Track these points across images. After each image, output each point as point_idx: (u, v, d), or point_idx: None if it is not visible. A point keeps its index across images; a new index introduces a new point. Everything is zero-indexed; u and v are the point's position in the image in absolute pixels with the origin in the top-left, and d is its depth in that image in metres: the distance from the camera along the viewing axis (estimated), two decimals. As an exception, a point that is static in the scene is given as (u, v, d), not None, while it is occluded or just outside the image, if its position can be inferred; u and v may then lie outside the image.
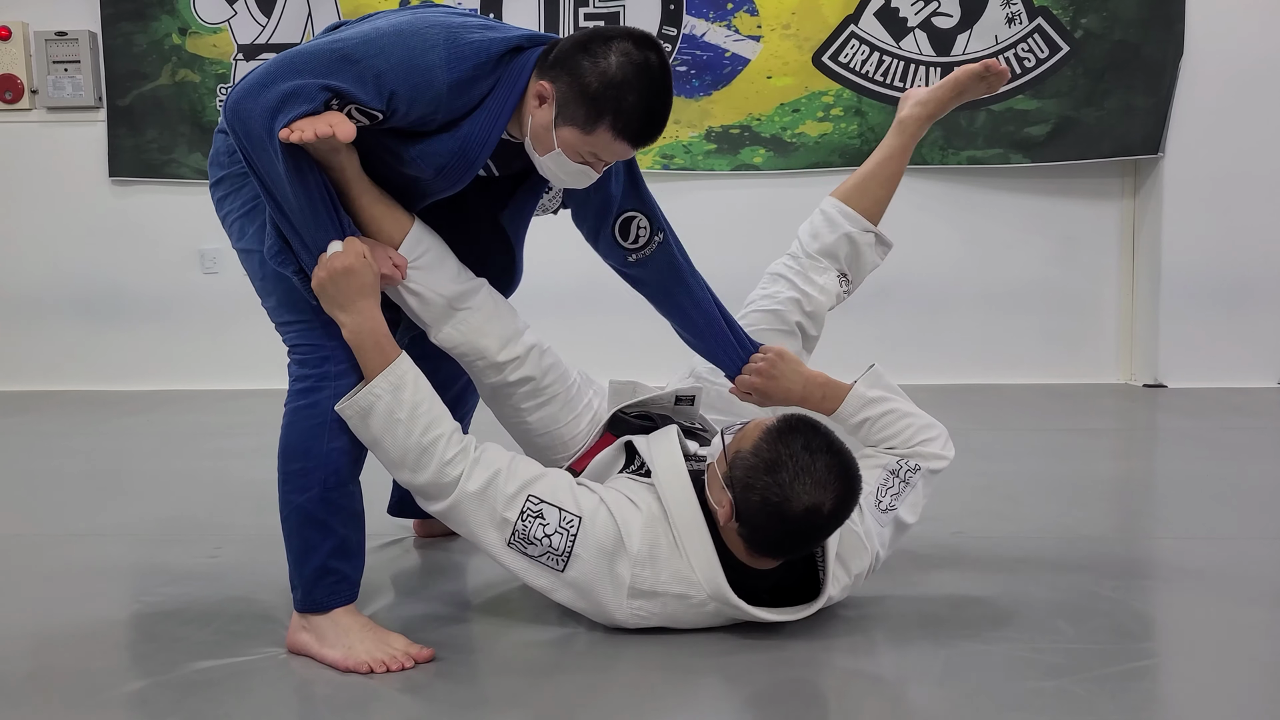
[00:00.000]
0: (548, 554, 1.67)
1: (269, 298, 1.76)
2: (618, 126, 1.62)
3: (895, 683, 1.55)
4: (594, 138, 1.63)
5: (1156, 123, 4.78)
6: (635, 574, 1.66)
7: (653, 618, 1.69)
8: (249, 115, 1.54)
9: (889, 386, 1.96)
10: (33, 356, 5.28)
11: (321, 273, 1.62)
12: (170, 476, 3.13)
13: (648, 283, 1.95)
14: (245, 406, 4.59)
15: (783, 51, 4.95)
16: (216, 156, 1.77)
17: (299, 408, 1.68)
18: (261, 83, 1.55)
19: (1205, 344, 4.83)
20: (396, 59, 1.57)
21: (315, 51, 1.58)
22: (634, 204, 1.89)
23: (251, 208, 1.73)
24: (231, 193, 1.76)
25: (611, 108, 1.60)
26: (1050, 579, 2.02)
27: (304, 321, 1.70)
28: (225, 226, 1.81)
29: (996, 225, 5.05)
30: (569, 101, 1.62)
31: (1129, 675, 1.56)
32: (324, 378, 1.67)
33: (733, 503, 1.60)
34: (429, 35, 1.59)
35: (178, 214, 5.19)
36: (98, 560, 2.26)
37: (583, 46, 1.61)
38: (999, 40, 4.89)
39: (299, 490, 1.65)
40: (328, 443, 1.66)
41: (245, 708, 1.49)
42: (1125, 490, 2.96)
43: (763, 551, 1.64)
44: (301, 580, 1.67)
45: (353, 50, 1.57)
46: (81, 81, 5.09)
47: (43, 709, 1.50)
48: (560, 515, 1.67)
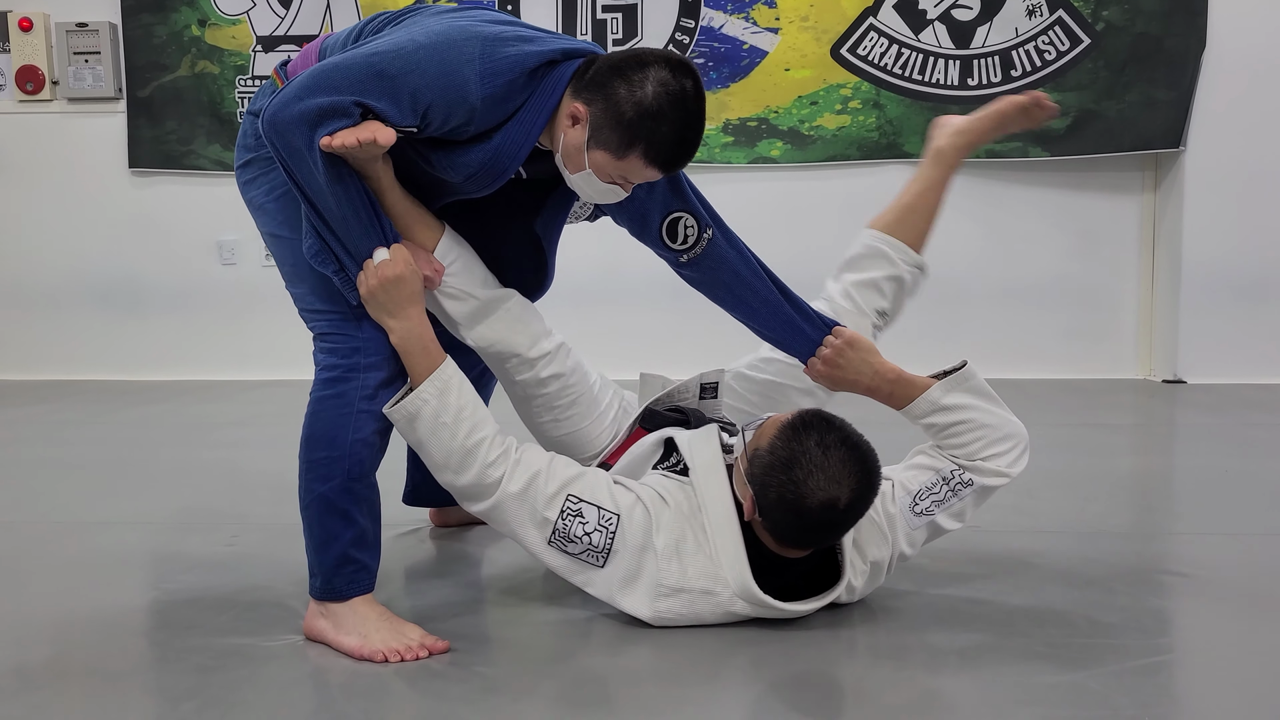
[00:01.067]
0: (588, 551, 1.70)
1: (299, 284, 1.74)
2: (650, 155, 1.64)
3: (910, 676, 1.55)
4: (625, 163, 1.65)
5: (1178, 116, 4.74)
6: (662, 569, 1.68)
7: (679, 618, 1.69)
8: (287, 127, 1.55)
9: (976, 389, 1.86)
10: (52, 347, 5.32)
11: (371, 281, 1.63)
12: (188, 466, 3.15)
13: (704, 281, 1.91)
14: (262, 397, 4.62)
15: (801, 44, 4.94)
16: (244, 139, 1.76)
17: (325, 397, 1.68)
18: (298, 95, 1.55)
19: (1225, 339, 4.79)
20: (432, 74, 1.57)
21: (351, 66, 1.57)
22: (678, 205, 1.86)
23: (283, 192, 1.71)
24: (259, 175, 1.74)
25: (645, 137, 1.62)
26: (1067, 574, 2.01)
27: (336, 312, 1.69)
28: (252, 210, 1.80)
29: (1016, 219, 5.02)
30: (603, 126, 1.62)
31: (1144, 671, 1.55)
32: (353, 369, 1.67)
33: (754, 498, 1.63)
34: (465, 49, 1.59)
35: (196, 205, 5.22)
36: (116, 548, 2.28)
37: (619, 71, 1.62)
38: (1019, 33, 4.85)
39: (322, 479, 1.66)
40: (353, 433, 1.66)
41: (261, 694, 1.50)
42: (1143, 486, 2.94)
43: (787, 544, 1.67)
44: (321, 568, 1.68)
45: (388, 66, 1.56)
46: (102, 72, 5.12)
47: (62, 694, 1.52)
48: (599, 514, 1.69)
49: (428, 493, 2.30)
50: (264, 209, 1.76)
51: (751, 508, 1.64)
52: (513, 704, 1.48)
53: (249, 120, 1.75)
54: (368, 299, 1.65)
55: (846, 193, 5.02)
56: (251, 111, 1.75)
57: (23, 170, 5.27)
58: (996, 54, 4.87)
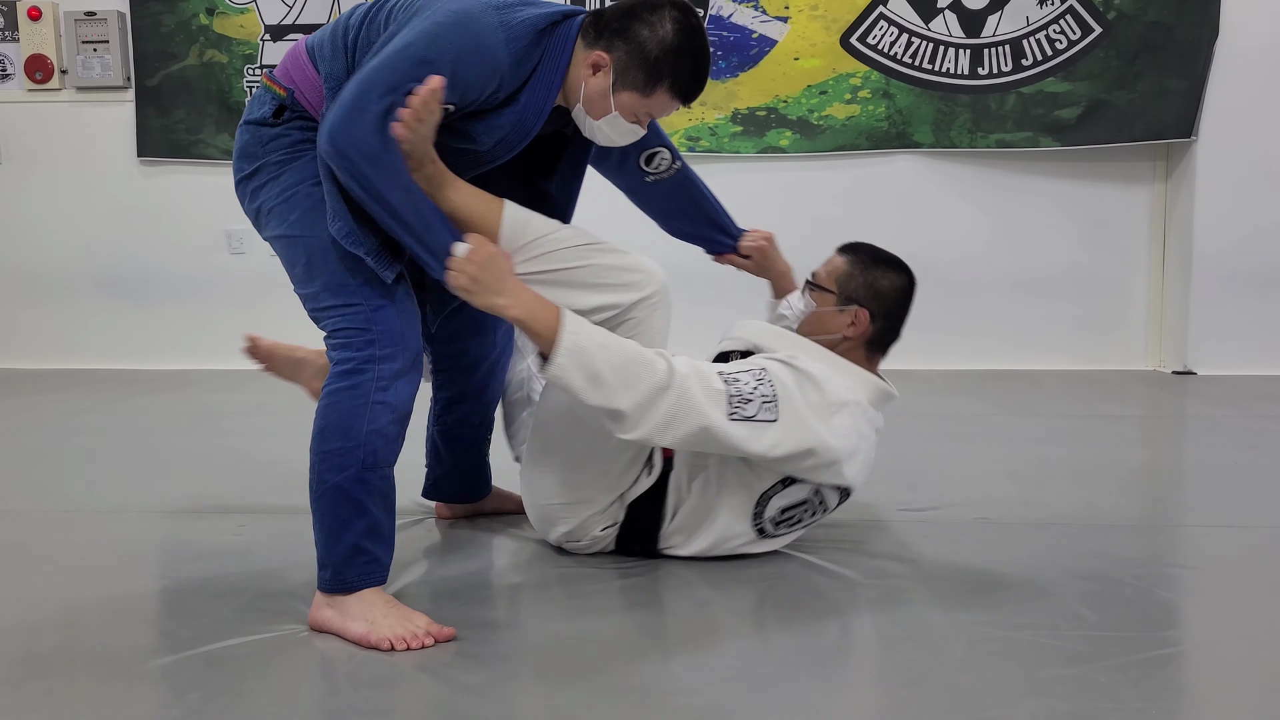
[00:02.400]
0: (763, 405, 1.82)
1: (311, 284, 1.75)
2: (675, 88, 1.78)
3: (916, 668, 1.54)
4: (652, 99, 1.79)
5: (1190, 105, 4.71)
6: (828, 389, 1.88)
7: (850, 434, 1.90)
8: (358, 139, 1.62)
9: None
10: (61, 336, 5.34)
11: (470, 269, 1.68)
12: (196, 454, 3.16)
13: (660, 195, 2.16)
14: (271, 386, 4.61)
15: (810, 32, 4.92)
16: (247, 149, 1.79)
17: (340, 389, 1.69)
18: (357, 106, 1.62)
19: (1236, 331, 4.77)
20: (466, 50, 1.65)
21: (392, 64, 1.64)
22: (657, 141, 2.08)
23: (292, 194, 1.74)
24: (269, 181, 1.77)
25: (670, 71, 1.76)
26: (1074, 565, 2.00)
27: (351, 305, 1.71)
28: (258, 216, 1.82)
29: (1025, 209, 5.00)
30: (629, 68, 1.75)
31: (1152, 663, 1.55)
32: (368, 360, 1.68)
33: (867, 312, 2.02)
34: (485, 19, 1.68)
35: (205, 194, 5.22)
36: (124, 536, 2.29)
37: (635, 15, 1.75)
38: (1030, 22, 4.83)
39: (336, 470, 1.66)
40: (369, 424, 1.67)
41: (267, 683, 1.51)
42: (1152, 478, 2.93)
43: (889, 342, 2.08)
44: (332, 559, 1.68)
45: (425, 51, 1.64)
46: (110, 61, 5.12)
47: (70, 682, 1.52)
48: (749, 373, 1.85)
49: (449, 487, 2.31)
50: (274, 212, 1.77)
51: (865, 322, 2.02)
52: (520, 692, 1.48)
53: (248, 130, 1.78)
54: (471, 287, 1.69)
55: (855, 183, 5.00)
56: (250, 121, 1.78)
57: (32, 159, 5.28)
58: (1007, 43, 4.84)
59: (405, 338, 1.72)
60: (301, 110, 1.76)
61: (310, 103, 1.76)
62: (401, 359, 1.71)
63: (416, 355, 1.74)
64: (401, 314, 1.73)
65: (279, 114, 1.76)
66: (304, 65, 1.77)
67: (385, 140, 1.63)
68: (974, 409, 3.86)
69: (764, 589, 1.90)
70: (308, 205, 1.73)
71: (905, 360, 2.60)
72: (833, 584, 1.94)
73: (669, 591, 1.88)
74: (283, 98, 1.77)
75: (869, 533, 2.24)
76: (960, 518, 2.36)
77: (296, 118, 1.77)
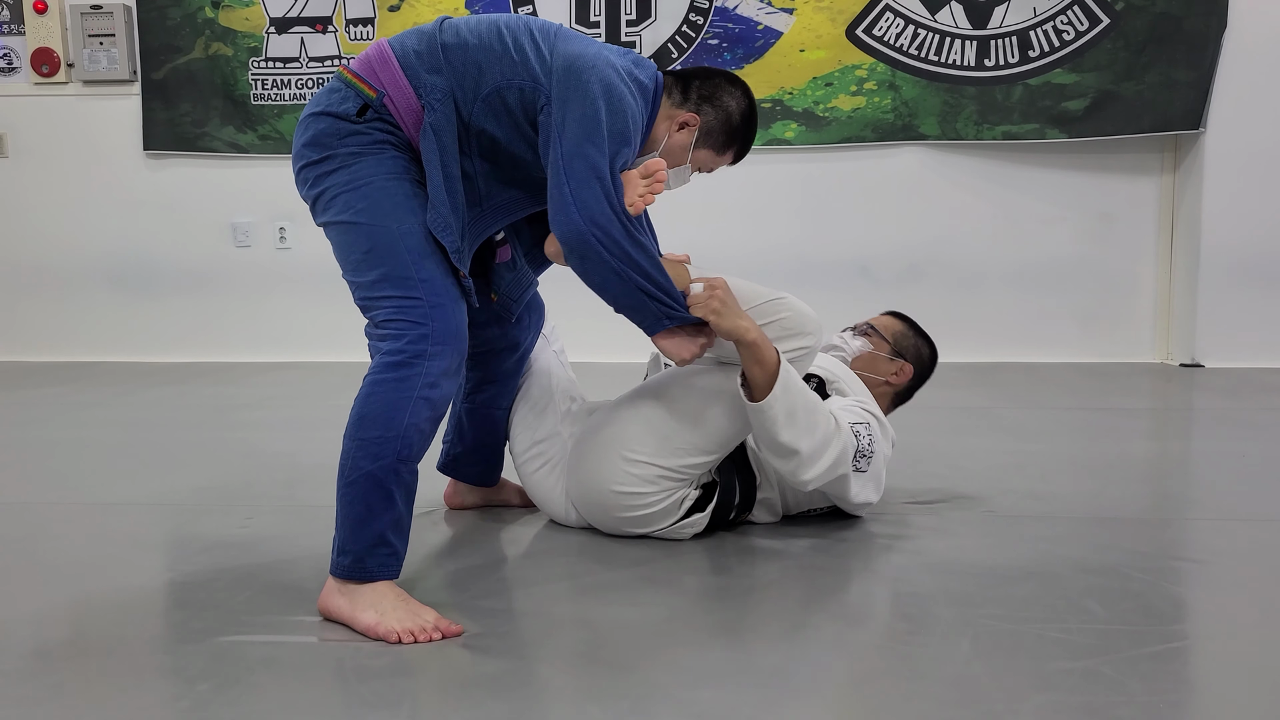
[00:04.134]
0: (865, 458, 2.07)
1: (369, 272, 1.77)
2: (739, 153, 2.08)
3: (922, 662, 1.54)
4: (721, 158, 2.06)
5: (1198, 97, 4.69)
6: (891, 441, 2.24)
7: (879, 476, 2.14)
8: (614, 223, 1.80)
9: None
10: (67, 328, 5.35)
11: (714, 302, 1.88)
12: (203, 447, 3.17)
13: None
14: (276, 379, 4.64)
15: (816, 24, 4.90)
16: (320, 138, 1.82)
17: (386, 380, 1.70)
18: (603, 192, 1.79)
19: (1244, 323, 4.76)
20: (630, 114, 1.85)
21: (595, 140, 1.80)
22: None
23: (364, 184, 1.78)
24: (340, 168, 1.80)
25: (741, 137, 2.05)
26: (1081, 559, 2.00)
27: (410, 299, 1.73)
28: (316, 201, 1.84)
29: (1032, 201, 4.99)
30: (714, 130, 2.01)
31: (1159, 657, 1.55)
32: (419, 355, 1.70)
33: (910, 366, 2.36)
34: (627, 85, 1.86)
35: (211, 187, 5.23)
36: (132, 529, 2.30)
37: (720, 86, 2.01)
38: (1037, 13, 4.81)
39: (372, 458, 1.67)
40: (410, 417, 1.69)
41: (276, 675, 1.51)
42: (1160, 471, 2.93)
43: (906, 399, 2.42)
44: (355, 546, 1.68)
45: (609, 122, 1.81)
46: (116, 55, 5.13)
47: (79, 674, 1.53)
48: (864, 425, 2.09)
49: (465, 465, 2.34)
50: (339, 199, 1.80)
51: (910, 372, 2.36)
52: (530, 684, 1.48)
53: (327, 121, 1.81)
54: (720, 314, 1.88)
55: (861, 175, 4.99)
56: (329, 113, 1.82)
57: (38, 153, 5.29)
58: (1014, 34, 4.82)
59: (457, 338, 1.75)
60: (387, 114, 1.81)
61: (398, 108, 1.81)
62: (450, 358, 1.74)
63: (463, 357, 1.78)
64: (456, 314, 1.76)
65: (361, 112, 1.81)
66: (394, 70, 1.82)
67: (627, 216, 1.82)
68: (980, 401, 3.85)
69: (771, 581, 1.90)
70: (379, 197, 1.77)
71: (912, 353, 2.59)
72: (838, 577, 1.94)
73: (677, 583, 1.88)
74: (371, 98, 1.81)
75: (874, 525, 2.24)
76: (967, 511, 2.35)
77: (379, 119, 1.81)
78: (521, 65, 1.82)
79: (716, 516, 2.12)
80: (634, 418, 2.07)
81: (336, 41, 5.09)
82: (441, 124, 1.80)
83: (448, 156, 1.80)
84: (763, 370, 1.90)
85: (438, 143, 1.80)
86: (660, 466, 2.03)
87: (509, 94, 1.82)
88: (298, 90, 5.12)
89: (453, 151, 1.81)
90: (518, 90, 1.82)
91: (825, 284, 4.94)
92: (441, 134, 1.80)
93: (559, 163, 1.79)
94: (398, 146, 1.82)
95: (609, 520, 2.11)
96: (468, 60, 1.82)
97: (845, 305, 5.14)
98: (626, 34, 5.00)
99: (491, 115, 1.83)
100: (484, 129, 1.83)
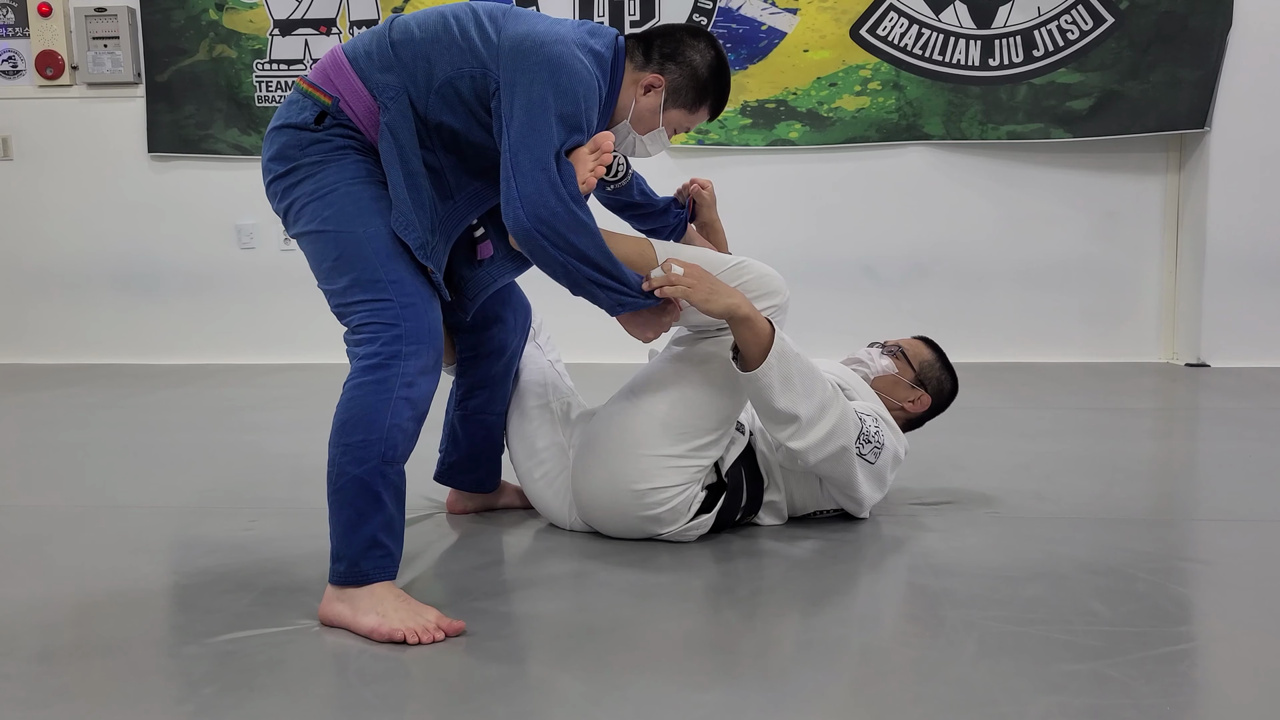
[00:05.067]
0: (874, 449, 2.08)
1: (340, 279, 1.77)
2: (714, 106, 2.02)
3: (928, 663, 1.54)
4: (695, 115, 2.01)
5: (1203, 96, 4.68)
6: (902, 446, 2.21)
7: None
8: (558, 212, 1.76)
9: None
10: (71, 330, 5.36)
11: (689, 279, 1.88)
12: (206, 449, 3.17)
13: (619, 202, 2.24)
14: (280, 380, 4.64)
15: (820, 24, 4.90)
16: (283, 151, 1.82)
17: (365, 383, 1.71)
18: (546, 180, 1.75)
19: (1250, 323, 4.74)
20: (581, 92, 1.80)
21: (540, 128, 1.76)
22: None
23: (329, 192, 1.78)
24: (305, 179, 1.80)
25: (714, 91, 2.00)
26: (1087, 560, 1.99)
27: (381, 300, 1.74)
28: (287, 214, 1.85)
29: (1037, 201, 4.98)
30: (680, 88, 1.97)
31: (1166, 659, 1.54)
32: (395, 356, 1.71)
33: (928, 393, 2.32)
34: (579, 60, 1.81)
35: (215, 189, 5.23)
36: (136, 531, 2.30)
37: (683, 41, 1.96)
38: (1041, 12, 4.80)
39: (357, 462, 1.68)
40: (391, 418, 1.69)
41: (279, 677, 1.51)
42: (1165, 471, 2.92)
43: (921, 424, 2.38)
44: (348, 551, 1.68)
45: (563, 107, 1.77)
46: (120, 57, 5.14)
47: (84, 676, 1.53)
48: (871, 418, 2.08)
49: (461, 473, 2.33)
50: (307, 209, 1.80)
51: (927, 402, 2.32)
52: (530, 691, 1.48)
53: (289, 134, 1.82)
54: (697, 299, 1.88)
55: (865, 175, 4.99)
56: (289, 125, 1.82)
57: (43, 155, 5.30)
58: (1018, 34, 4.82)
59: (431, 335, 1.75)
60: (344, 118, 1.81)
61: (355, 111, 1.81)
62: (426, 356, 1.73)
63: (439, 354, 1.77)
64: (429, 312, 1.76)
65: (320, 119, 1.81)
66: (347, 74, 1.82)
67: (575, 204, 1.78)
68: (986, 401, 3.84)
69: (775, 583, 1.90)
70: (344, 203, 1.77)
71: (916, 353, 2.58)
72: (844, 579, 1.93)
73: (681, 585, 1.88)
74: (326, 105, 1.81)
75: (880, 527, 2.23)
76: (972, 511, 2.35)
77: (338, 125, 1.81)
78: (469, 52, 1.80)
79: (722, 518, 2.12)
80: (635, 414, 2.07)
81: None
82: (397, 122, 1.79)
83: (407, 154, 1.79)
84: (757, 340, 1.91)
85: (395, 141, 1.79)
86: (671, 456, 2.02)
87: (460, 83, 1.80)
88: (302, 92, 5.12)
89: (412, 148, 1.80)
90: (469, 78, 1.80)
91: (830, 284, 4.94)
92: (398, 132, 1.79)
93: (506, 155, 1.77)
94: (360, 151, 1.82)
95: (624, 522, 2.10)
96: (417, 54, 1.80)
97: (850, 305, 5.15)
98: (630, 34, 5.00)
99: (447, 107, 1.81)
100: (441, 121, 1.82)
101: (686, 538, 2.10)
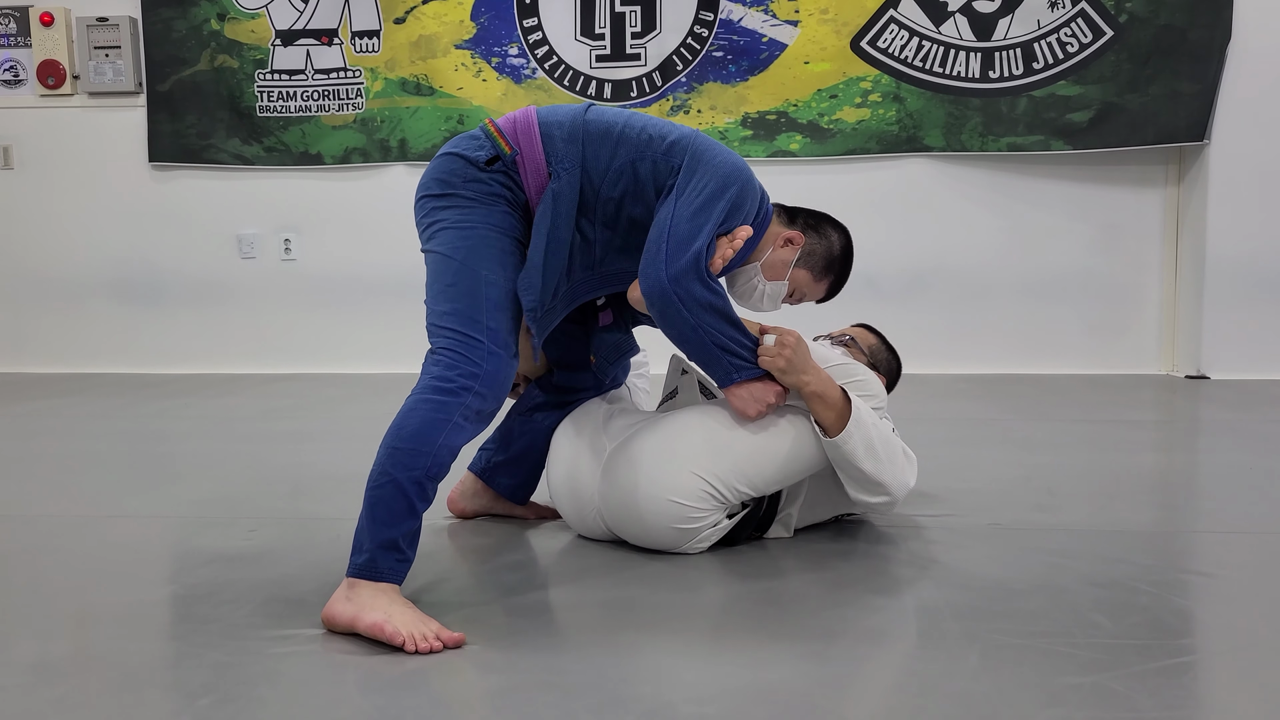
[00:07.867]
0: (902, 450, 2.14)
1: (446, 303, 1.87)
2: (835, 285, 2.21)
3: (929, 676, 1.53)
4: (817, 286, 2.18)
5: (1202, 109, 4.69)
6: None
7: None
8: (696, 292, 1.90)
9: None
10: (72, 340, 5.36)
11: (786, 352, 1.98)
12: (207, 459, 3.17)
13: None
14: (282, 390, 4.64)
15: (820, 36, 4.91)
16: (447, 176, 1.95)
17: (431, 400, 1.77)
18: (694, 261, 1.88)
19: (1250, 335, 4.75)
20: (749, 197, 1.99)
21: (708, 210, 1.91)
22: None
23: (471, 229, 1.90)
24: (453, 208, 1.93)
25: (839, 270, 2.19)
26: (1088, 572, 1.99)
27: (472, 339, 1.83)
28: (429, 230, 1.95)
29: (1037, 213, 4.98)
30: (815, 254, 2.14)
31: (1167, 672, 1.53)
32: (466, 389, 1.79)
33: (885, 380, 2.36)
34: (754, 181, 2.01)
35: (216, 199, 5.24)
36: (135, 541, 2.29)
37: (824, 220, 2.18)
38: (1041, 25, 4.82)
39: (404, 467, 1.73)
40: (444, 438, 1.76)
41: (278, 689, 1.50)
42: (1166, 483, 2.91)
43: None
44: (372, 545, 1.71)
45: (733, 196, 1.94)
46: (122, 67, 5.15)
47: (81, 687, 1.52)
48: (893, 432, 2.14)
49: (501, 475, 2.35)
50: (447, 233, 1.91)
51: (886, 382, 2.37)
52: (534, 703, 1.48)
53: (457, 161, 1.94)
54: (788, 368, 1.98)
55: (866, 187, 5.00)
56: (461, 155, 1.94)
57: (44, 165, 5.30)
58: (1018, 46, 4.83)
59: (501, 389, 1.83)
60: (514, 171, 1.93)
61: (525, 170, 1.93)
62: (490, 403, 1.82)
63: (499, 407, 1.86)
64: (507, 368, 1.85)
65: (491, 162, 1.93)
66: (534, 137, 1.94)
67: (714, 286, 1.92)
68: (986, 413, 3.84)
69: (774, 597, 1.89)
70: (479, 244, 1.89)
71: (917, 365, 2.60)
72: (844, 591, 1.93)
73: (682, 598, 1.88)
74: (505, 154, 1.93)
75: (881, 539, 2.23)
76: (973, 523, 2.34)
77: (504, 174, 1.93)
78: (658, 142, 1.96)
79: (733, 533, 2.12)
80: (701, 433, 2.07)
81: (342, 54, 5.11)
82: (564, 191, 1.91)
83: (560, 221, 1.91)
84: (832, 412, 2.00)
85: (554, 208, 1.90)
86: (714, 487, 2.04)
87: (641, 165, 1.95)
88: (303, 102, 5.14)
89: (568, 218, 1.92)
90: (650, 162, 1.95)
91: (830, 295, 4.94)
92: (560, 200, 1.91)
93: (667, 220, 1.90)
94: (511, 204, 1.93)
95: (649, 529, 2.07)
96: (607, 136, 1.95)
97: (851, 317, 5.13)
98: (631, 46, 5.01)
99: (620, 183, 1.94)
100: (610, 196, 1.95)
101: (694, 550, 2.10)
